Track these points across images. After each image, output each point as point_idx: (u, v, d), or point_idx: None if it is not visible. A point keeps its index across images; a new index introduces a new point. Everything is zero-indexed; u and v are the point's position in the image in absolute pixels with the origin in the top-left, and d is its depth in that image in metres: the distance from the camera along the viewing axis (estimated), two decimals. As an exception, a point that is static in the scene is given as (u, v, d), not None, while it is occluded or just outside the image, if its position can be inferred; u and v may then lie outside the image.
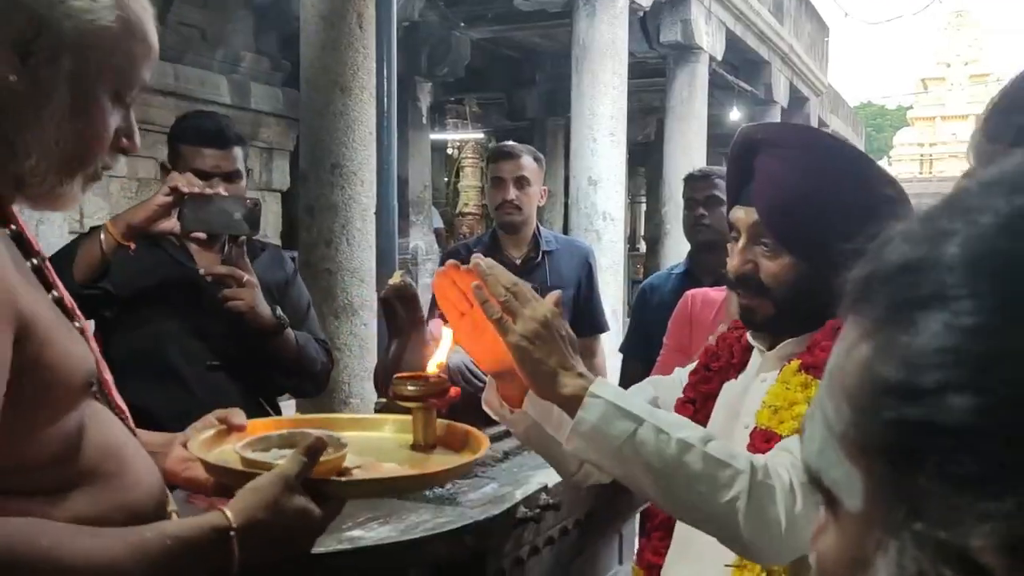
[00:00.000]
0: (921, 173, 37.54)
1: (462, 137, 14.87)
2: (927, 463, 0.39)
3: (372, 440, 1.40)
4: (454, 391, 1.34)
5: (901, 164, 39.19)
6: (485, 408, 1.33)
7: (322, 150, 3.70)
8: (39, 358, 0.89)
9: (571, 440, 1.14)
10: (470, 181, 15.71)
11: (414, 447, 1.35)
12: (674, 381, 1.56)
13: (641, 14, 7.53)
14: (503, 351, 1.16)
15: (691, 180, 2.93)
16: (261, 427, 1.37)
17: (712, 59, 8.91)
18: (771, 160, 1.29)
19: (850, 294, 0.46)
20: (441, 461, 1.30)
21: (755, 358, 1.42)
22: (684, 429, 1.14)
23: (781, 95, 12.13)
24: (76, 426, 0.96)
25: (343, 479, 1.14)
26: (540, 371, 1.14)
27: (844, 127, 20.94)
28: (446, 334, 1.34)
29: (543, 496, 1.77)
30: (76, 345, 0.98)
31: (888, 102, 56.25)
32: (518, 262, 3.03)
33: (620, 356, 3.16)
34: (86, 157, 0.99)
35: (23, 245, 1.00)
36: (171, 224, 1.95)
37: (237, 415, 1.33)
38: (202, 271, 2.06)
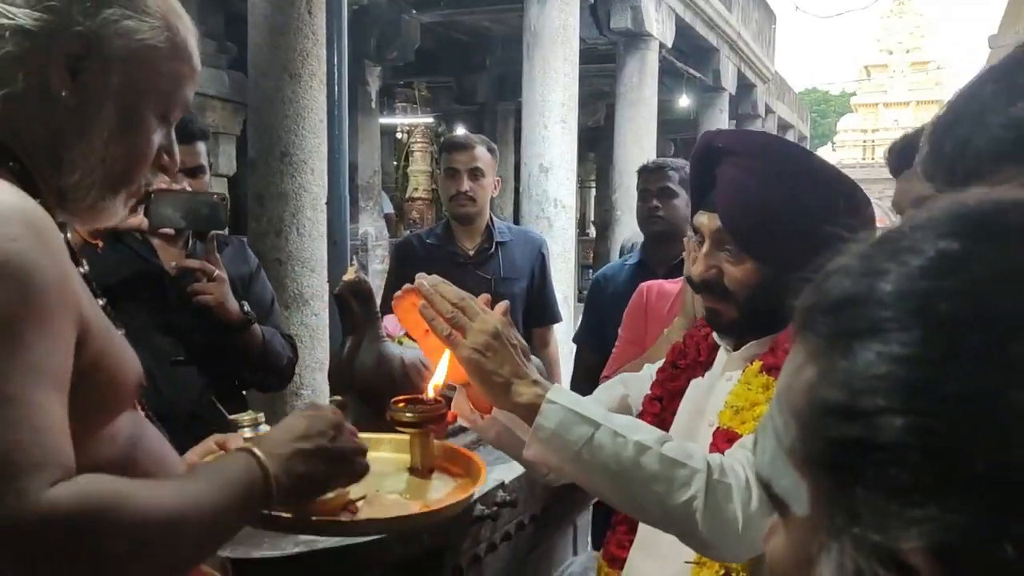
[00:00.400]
0: (864, 159, 38.26)
1: (412, 121, 14.77)
2: (863, 475, 0.44)
3: (372, 462, 1.38)
4: (452, 415, 1.33)
5: (844, 150, 39.92)
6: (456, 414, 1.33)
7: (271, 138, 3.63)
8: (98, 361, 0.91)
9: (531, 447, 1.16)
10: (420, 166, 15.64)
11: (412, 471, 1.34)
12: (643, 378, 1.58)
13: (592, 1, 7.52)
14: None
15: (645, 172, 2.95)
16: None
17: (662, 46, 8.95)
18: (732, 168, 1.31)
19: (797, 320, 0.52)
20: (440, 487, 1.30)
21: (721, 356, 1.45)
22: (641, 431, 1.16)
23: (729, 82, 12.26)
24: (129, 433, 0.97)
25: (347, 519, 1.14)
26: (494, 382, 1.16)
27: (790, 113, 21.23)
28: (444, 358, 1.33)
29: (500, 493, 1.78)
30: (127, 350, 1.00)
31: (832, 88, 57.19)
32: (471, 253, 3.03)
33: (573, 346, 3.17)
34: (130, 174, 1.01)
35: (72, 254, 0.99)
36: (138, 220, 1.91)
37: (235, 441, 1.31)
38: (173, 265, 2.04)
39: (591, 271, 15.04)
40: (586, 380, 3.07)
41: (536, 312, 3.16)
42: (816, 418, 0.47)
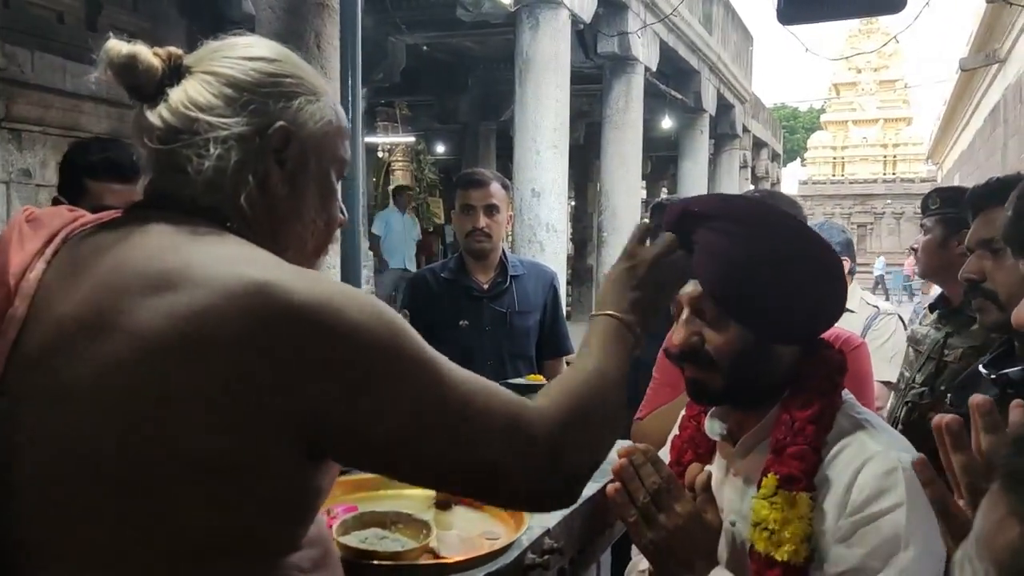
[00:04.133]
0: (834, 175, 38.80)
1: (393, 140, 14.77)
2: None
3: (401, 499, 1.50)
4: None
5: (815, 166, 40.45)
6: None
7: (279, 170, 3.63)
8: None
9: None
10: (400, 184, 15.62)
11: (437, 504, 1.42)
12: None
13: (580, 27, 7.60)
14: None
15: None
16: (349, 485, 1.50)
17: (647, 69, 9.06)
18: (710, 233, 1.26)
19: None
20: (465, 516, 1.40)
21: (720, 450, 1.43)
22: None
23: (709, 103, 12.41)
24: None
25: (433, 562, 1.25)
26: (667, 567, 1.23)
27: (764, 131, 21.49)
28: None
29: (547, 540, 1.79)
30: None
31: (801, 105, 57.87)
32: (486, 287, 3.05)
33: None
34: (327, 240, 1.09)
35: None
36: None
37: None
38: None
39: (570, 287, 15.10)
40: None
41: (548, 344, 3.19)
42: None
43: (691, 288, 1.31)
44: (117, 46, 0.96)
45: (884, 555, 1.16)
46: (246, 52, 1.02)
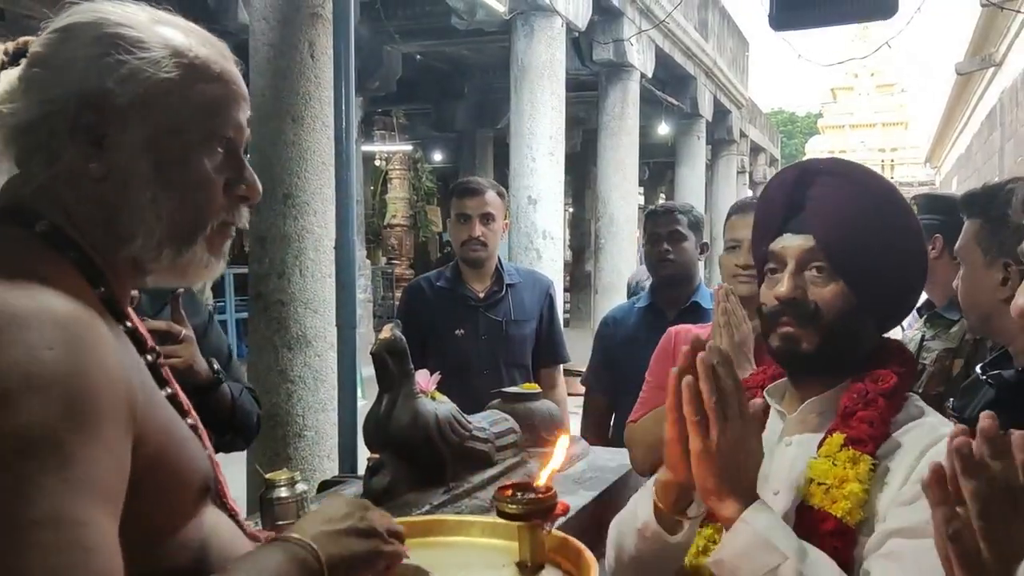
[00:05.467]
0: (832, 180, 38.70)
1: (390, 149, 14.78)
2: None
3: (477, 549, 1.29)
4: (563, 506, 1.21)
5: (813, 171, 40.40)
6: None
7: (273, 180, 3.63)
8: (157, 462, 0.83)
9: (716, 555, 1.16)
10: (398, 192, 15.64)
11: (520, 565, 1.22)
12: None
13: (575, 34, 7.61)
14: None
15: (654, 216, 2.98)
16: None
17: (643, 76, 9.07)
18: (829, 189, 1.32)
19: None
20: None
21: (774, 421, 1.41)
22: (828, 572, 1.14)
23: (706, 109, 12.43)
24: (199, 537, 0.91)
25: None
26: (707, 487, 1.14)
27: (761, 136, 21.52)
28: (561, 444, 1.29)
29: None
30: (191, 447, 0.92)
31: (798, 110, 57.99)
32: (482, 295, 3.04)
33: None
34: (197, 220, 0.92)
35: (138, 342, 0.93)
36: None
37: None
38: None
39: (568, 294, 15.11)
40: (595, 421, 3.10)
41: (544, 353, 3.18)
42: None
43: (800, 241, 1.32)
44: None
45: None
46: (63, 21, 0.89)
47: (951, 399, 2.06)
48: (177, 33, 0.91)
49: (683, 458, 1.15)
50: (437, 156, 16.93)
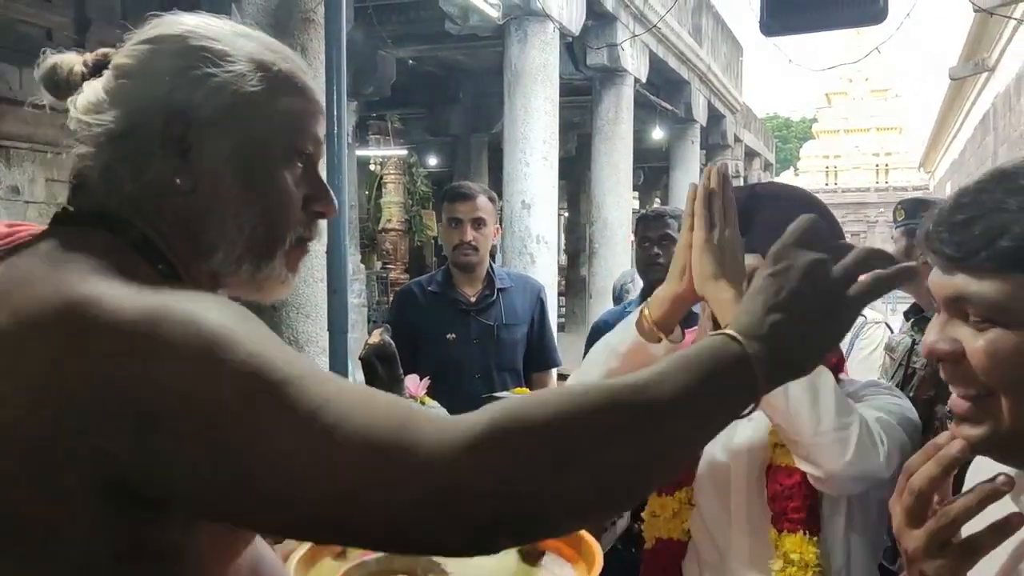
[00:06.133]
0: (827, 184, 38.90)
1: (385, 153, 14.79)
2: None
3: None
4: None
5: (808, 176, 40.54)
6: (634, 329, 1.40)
7: (265, 184, 3.63)
8: None
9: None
10: (392, 197, 15.63)
11: (521, 553, 1.24)
12: None
13: (569, 39, 7.63)
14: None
15: (645, 220, 2.99)
16: None
17: (636, 81, 9.09)
18: (767, 212, 1.42)
19: None
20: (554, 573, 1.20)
21: None
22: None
23: (700, 113, 12.45)
24: (251, 561, 0.91)
25: None
26: (704, 272, 1.30)
27: (756, 141, 21.57)
28: None
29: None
30: None
31: (793, 114, 58.13)
32: (473, 299, 3.04)
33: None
34: (274, 235, 0.90)
35: None
36: None
37: None
38: None
39: (563, 298, 15.11)
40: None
41: (536, 357, 3.18)
42: None
43: (751, 260, 1.38)
44: (44, 60, 0.89)
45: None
46: (149, 33, 0.89)
47: (942, 404, 2.07)
48: (260, 47, 0.91)
49: (687, 269, 1.33)
50: (432, 160, 16.93)
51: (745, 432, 1.50)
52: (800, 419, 1.29)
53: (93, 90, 0.86)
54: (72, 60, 0.90)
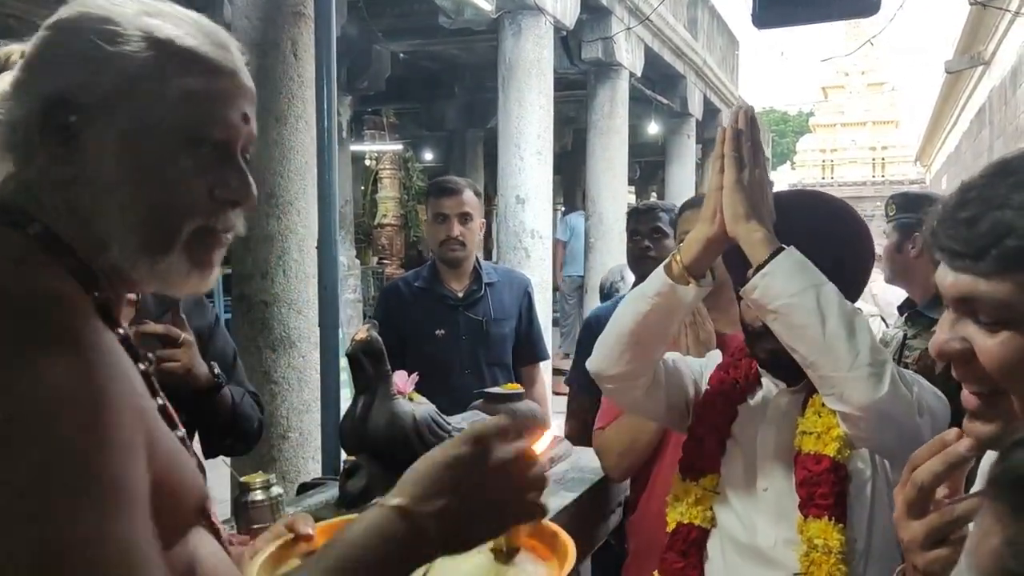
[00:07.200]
0: (823, 178, 38.87)
1: (380, 148, 14.74)
2: None
3: None
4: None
5: (804, 170, 40.51)
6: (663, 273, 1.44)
7: (257, 179, 3.58)
8: (162, 478, 0.77)
9: (763, 278, 1.32)
10: (388, 192, 15.58)
11: (495, 552, 1.21)
12: (693, 365, 1.78)
13: (563, 33, 7.60)
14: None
15: (636, 213, 2.98)
16: (328, 532, 1.24)
17: (632, 75, 9.06)
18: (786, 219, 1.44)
19: (987, 486, 0.54)
20: (528, 571, 1.18)
21: (767, 388, 1.61)
22: None
23: (696, 108, 12.42)
24: (188, 559, 0.85)
25: None
26: (741, 213, 1.34)
27: (752, 135, 21.52)
28: (544, 437, 1.35)
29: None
30: (189, 463, 0.87)
31: (790, 109, 58.14)
32: (461, 295, 3.03)
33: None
34: (165, 226, 0.84)
35: (131, 350, 0.86)
36: None
37: (304, 521, 1.23)
38: (133, 331, 1.92)
39: (557, 293, 15.09)
40: (579, 420, 3.08)
41: (524, 351, 3.17)
42: None
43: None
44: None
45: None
46: (51, 19, 0.85)
47: None
48: (164, 23, 0.84)
49: (719, 210, 1.37)
50: (427, 155, 16.90)
51: (773, 419, 1.56)
52: (837, 352, 1.29)
53: (4, 81, 0.85)
54: (12, 50, 0.88)
